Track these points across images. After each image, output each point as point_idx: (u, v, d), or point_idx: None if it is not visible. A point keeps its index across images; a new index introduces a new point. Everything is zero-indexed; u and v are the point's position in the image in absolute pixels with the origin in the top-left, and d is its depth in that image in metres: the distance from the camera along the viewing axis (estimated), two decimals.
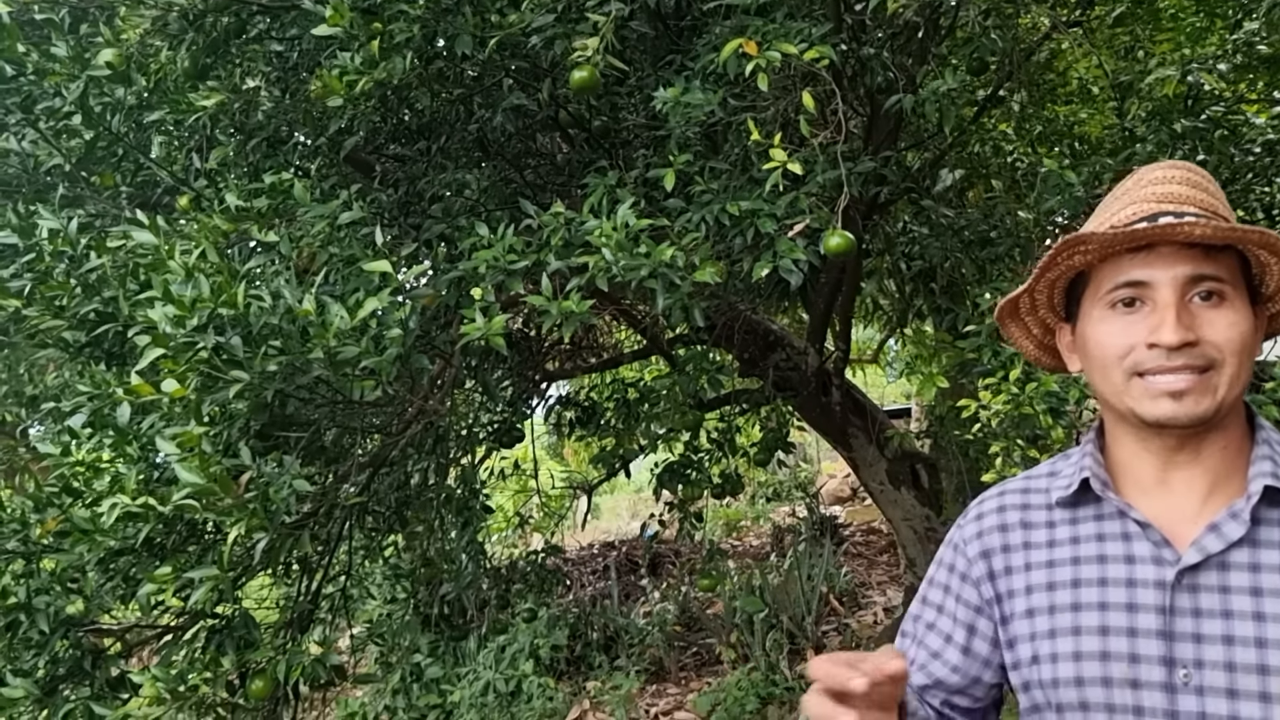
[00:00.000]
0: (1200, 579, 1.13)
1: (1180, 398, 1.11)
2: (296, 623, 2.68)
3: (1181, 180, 1.19)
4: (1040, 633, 1.21)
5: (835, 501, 12.06)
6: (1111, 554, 1.19)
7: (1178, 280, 1.12)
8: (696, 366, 3.22)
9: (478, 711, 6.69)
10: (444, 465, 3.24)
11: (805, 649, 7.07)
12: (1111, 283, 1.16)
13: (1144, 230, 1.11)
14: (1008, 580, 1.28)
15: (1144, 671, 1.13)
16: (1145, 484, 1.21)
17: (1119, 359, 1.15)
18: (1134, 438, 1.21)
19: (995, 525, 1.31)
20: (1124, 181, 1.25)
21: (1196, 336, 1.10)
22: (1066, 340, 1.29)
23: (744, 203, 2.65)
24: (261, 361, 1.97)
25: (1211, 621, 1.12)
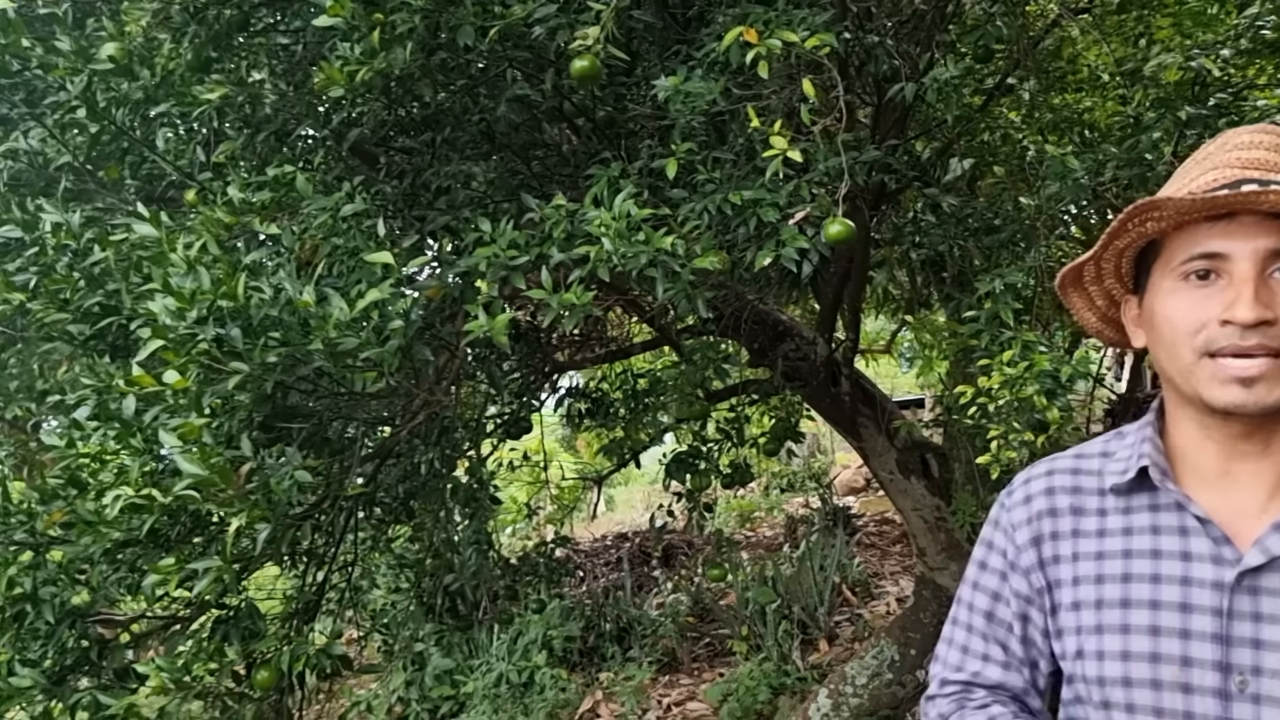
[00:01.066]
0: (1262, 581, 1.07)
1: (1251, 384, 1.05)
2: (302, 613, 2.70)
3: (1270, 146, 1.12)
4: (1086, 627, 1.17)
5: (849, 492, 12.04)
6: (1166, 549, 1.14)
7: (1258, 253, 1.05)
8: (704, 357, 3.22)
9: (490, 703, 6.71)
10: (451, 456, 3.25)
11: (818, 639, 7.06)
12: (1185, 253, 1.10)
13: (1225, 197, 1.04)
14: (1056, 569, 1.23)
15: (1196, 676, 1.08)
16: (1207, 474, 1.15)
17: (1189, 336, 1.09)
18: (1197, 423, 1.15)
19: (1045, 509, 1.25)
20: (1207, 144, 1.19)
21: (1275, 315, 1.04)
22: (1133, 314, 1.23)
23: (747, 192, 2.64)
24: (261, 353, 1.98)
25: (1273, 627, 1.06)
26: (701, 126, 2.96)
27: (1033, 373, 2.55)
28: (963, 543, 4.51)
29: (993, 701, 1.27)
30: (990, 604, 1.30)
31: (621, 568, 9.04)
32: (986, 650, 1.30)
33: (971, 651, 1.31)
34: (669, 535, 10.46)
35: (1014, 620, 1.27)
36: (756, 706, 5.90)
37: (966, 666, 1.31)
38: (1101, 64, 4.54)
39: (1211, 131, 3.14)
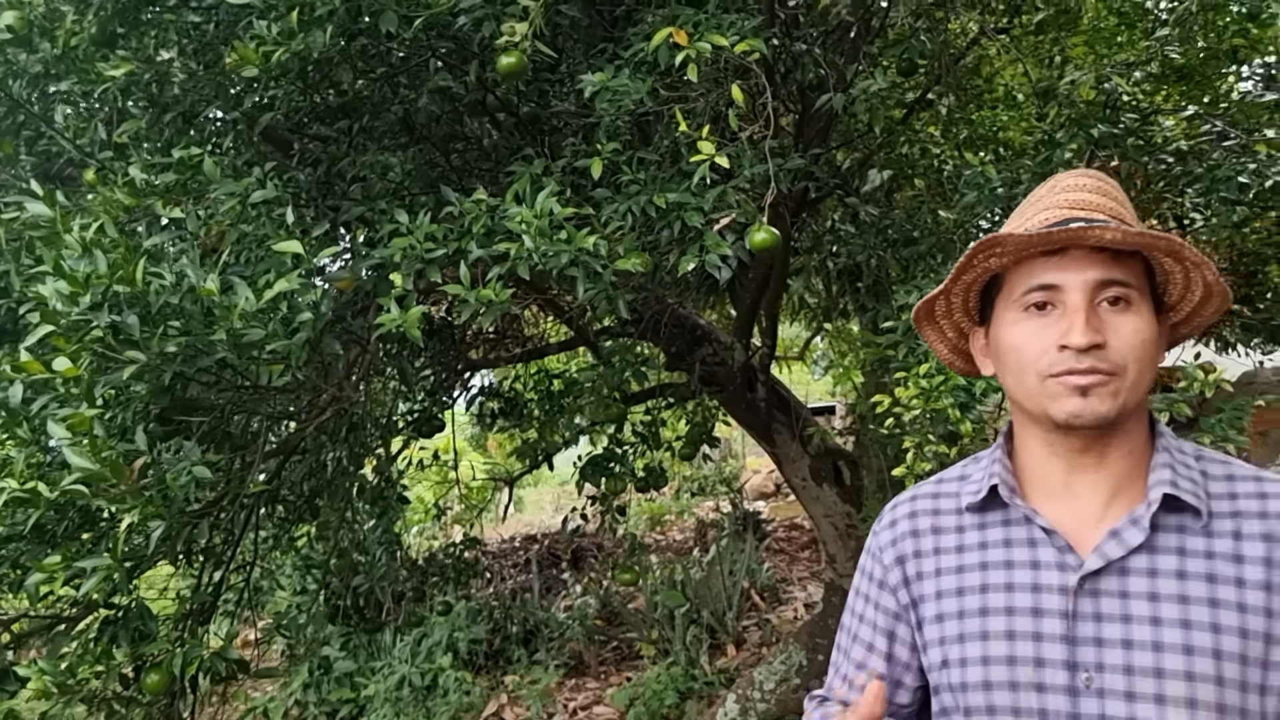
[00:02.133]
0: (1101, 584, 1.17)
1: (1087, 394, 1.15)
2: (196, 615, 2.59)
3: (1092, 189, 1.25)
4: (949, 637, 1.25)
5: (759, 497, 12.13)
6: (1018, 559, 1.23)
7: (1087, 284, 1.16)
8: (622, 359, 3.18)
9: (392, 706, 6.59)
10: (359, 454, 3.16)
11: (726, 644, 7.09)
12: (1024, 286, 1.20)
13: (1056, 233, 1.15)
14: (920, 585, 1.31)
15: (1049, 675, 1.17)
16: (1052, 489, 1.25)
17: (1033, 362, 1.19)
18: (1042, 441, 1.25)
19: (908, 531, 1.35)
20: (1038, 188, 1.31)
21: (1104, 339, 1.15)
22: (980, 344, 1.34)
23: (671, 195, 2.62)
24: (160, 342, 1.88)
25: (1111, 626, 1.15)
26: (626, 126, 2.93)
27: (947, 385, 2.58)
28: None
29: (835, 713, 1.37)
30: (857, 626, 1.40)
31: (530, 569, 8.96)
32: (846, 671, 1.41)
33: (838, 672, 1.43)
34: (579, 538, 10.41)
35: (875, 638, 1.37)
36: (663, 711, 5.89)
37: (831, 685, 1.43)
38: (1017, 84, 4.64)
39: (1121, 151, 3.23)
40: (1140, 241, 1.16)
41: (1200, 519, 1.18)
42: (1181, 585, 1.15)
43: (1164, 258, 1.20)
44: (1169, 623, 1.14)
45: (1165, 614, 1.14)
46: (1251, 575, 1.15)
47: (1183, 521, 1.18)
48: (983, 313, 1.32)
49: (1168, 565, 1.16)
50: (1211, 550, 1.16)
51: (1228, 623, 1.13)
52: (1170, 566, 1.16)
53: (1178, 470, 1.21)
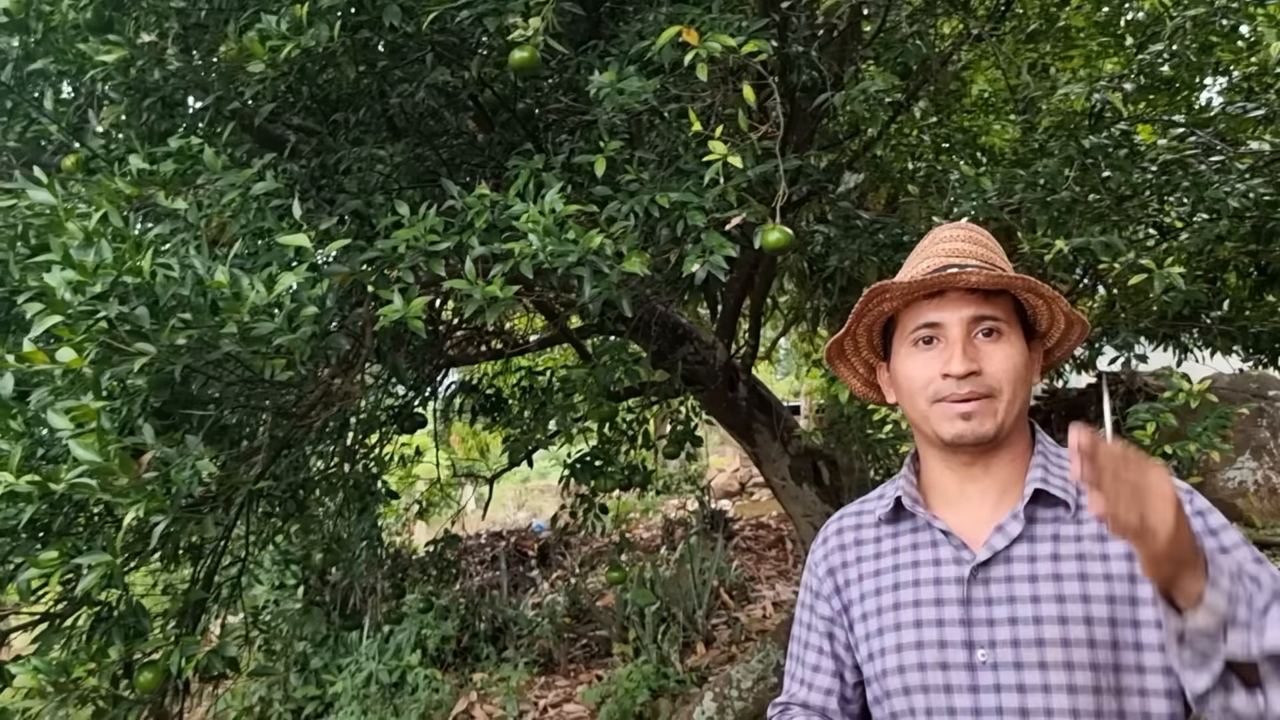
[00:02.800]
0: (991, 572, 1.36)
1: (969, 418, 1.36)
2: (191, 611, 2.54)
3: (965, 239, 1.47)
4: (872, 632, 1.45)
5: (724, 495, 12.17)
6: (924, 559, 1.43)
7: (963, 320, 1.38)
8: (614, 357, 3.18)
9: (359, 703, 6.53)
10: (350, 449, 3.12)
11: (695, 642, 7.10)
12: (913, 324, 1.42)
13: (932, 279, 1.37)
14: (847, 591, 1.52)
15: (951, 654, 1.36)
16: (950, 497, 1.45)
17: (923, 389, 1.40)
18: (939, 458, 1.46)
19: (836, 545, 1.56)
20: (922, 241, 1.53)
21: (980, 367, 1.36)
22: (884, 377, 1.54)
23: (674, 194, 2.61)
24: (169, 335, 1.85)
25: (999, 607, 1.34)
26: (624, 124, 2.92)
27: None
28: None
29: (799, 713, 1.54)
30: (805, 634, 1.58)
31: (497, 566, 8.92)
32: (802, 675, 1.57)
33: (793, 677, 1.59)
34: (545, 535, 10.38)
35: (820, 643, 1.55)
36: (635, 709, 5.89)
37: (789, 689, 1.59)
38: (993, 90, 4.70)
39: (1108, 160, 3.28)
40: (1001, 282, 1.37)
41: (1070, 510, 1.37)
42: (1055, 566, 1.34)
43: (1025, 294, 1.41)
44: (1046, 599, 1.32)
45: (1043, 591, 1.33)
46: (1114, 549, 1.33)
47: (1057, 513, 1.38)
48: (885, 349, 1.52)
49: (1044, 551, 1.36)
50: (1080, 535, 1.36)
51: (1096, 592, 1.31)
52: (1046, 552, 1.35)
53: (1050, 470, 1.40)
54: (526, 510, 13.37)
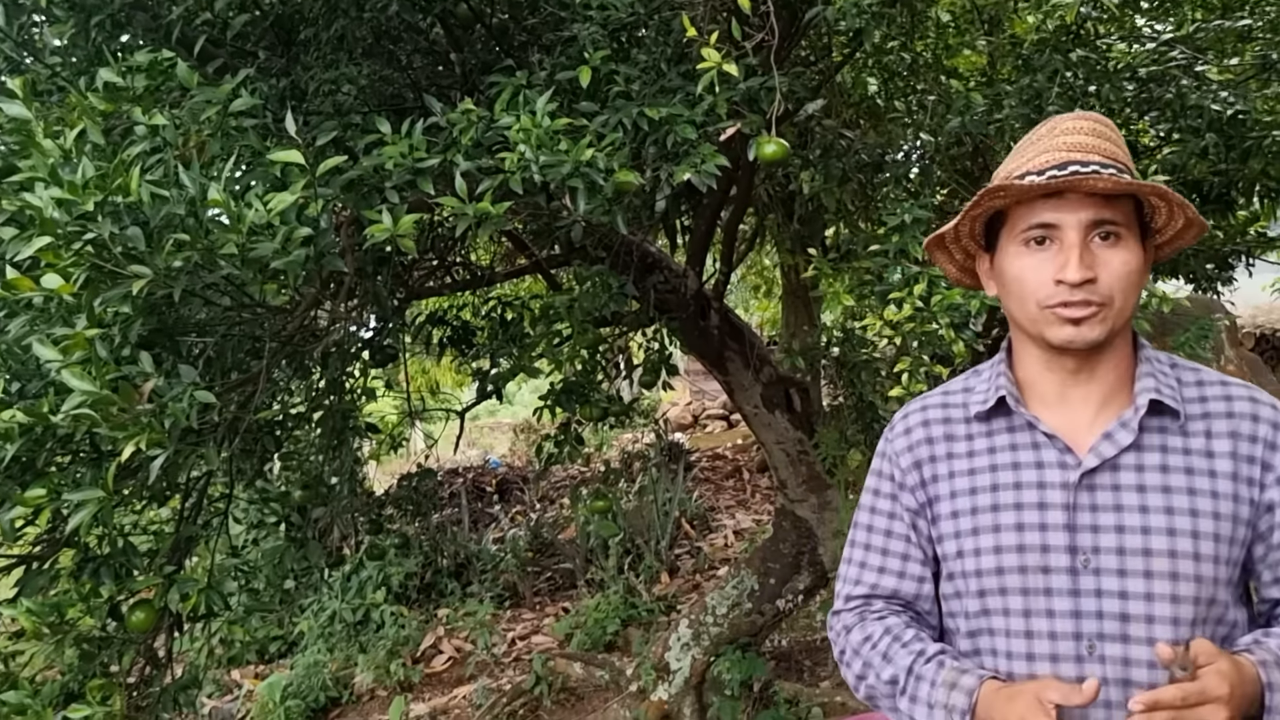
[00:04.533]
0: (1097, 480, 1.36)
1: (1079, 324, 1.33)
2: (183, 548, 2.46)
3: (1089, 131, 1.39)
4: (964, 531, 1.43)
5: (678, 428, 12.22)
6: (1024, 461, 1.42)
7: (1082, 223, 1.33)
8: (599, 284, 3.11)
9: (325, 641, 6.49)
10: (336, 382, 3.03)
11: (659, 572, 7.16)
12: (1025, 223, 1.37)
13: (1055, 181, 1.31)
14: (935, 486, 1.49)
15: (1053, 559, 1.36)
16: (1049, 399, 1.44)
17: (1033, 292, 1.37)
18: (1040, 359, 1.43)
19: (923, 438, 1.53)
20: (1039, 128, 1.45)
21: (1096, 274, 1.32)
22: (985, 268, 1.51)
23: (663, 107, 2.54)
24: (166, 257, 1.75)
25: (1106, 514, 1.35)
26: (604, 38, 2.83)
27: (941, 305, 2.59)
28: (823, 475, 4.61)
29: (889, 612, 1.53)
30: (886, 523, 1.56)
31: (456, 503, 8.88)
32: (883, 564, 1.55)
33: (869, 567, 1.57)
34: (502, 471, 10.35)
35: (907, 532, 1.53)
36: (606, 638, 5.93)
37: (865, 580, 1.57)
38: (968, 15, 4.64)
39: (1092, 75, 3.26)
40: (1130, 188, 1.32)
41: (1178, 420, 1.38)
42: (1164, 478, 1.35)
43: (1151, 197, 1.37)
44: (1154, 510, 1.33)
45: (1151, 503, 1.33)
46: (1221, 468, 1.35)
47: (1163, 423, 1.38)
48: (988, 239, 1.48)
49: (1152, 461, 1.36)
50: (1188, 448, 1.36)
51: (1203, 507, 1.33)
52: (1154, 462, 1.36)
53: (1159, 379, 1.40)
54: (478, 448, 13.30)
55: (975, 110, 2.82)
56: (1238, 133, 3.48)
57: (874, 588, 1.56)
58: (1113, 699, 1.31)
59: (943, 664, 1.41)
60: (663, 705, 4.61)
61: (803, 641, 5.73)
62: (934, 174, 3.04)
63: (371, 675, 6.09)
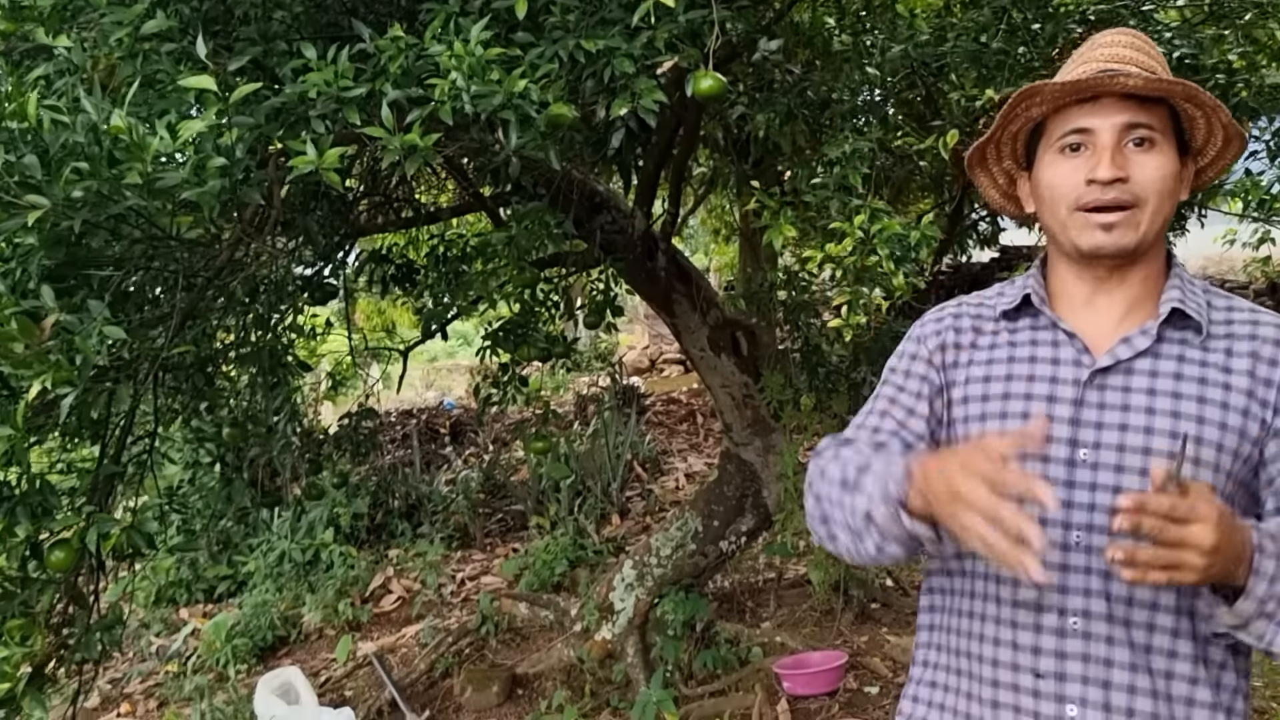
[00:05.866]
0: (1109, 380, 1.39)
1: (1110, 230, 1.35)
2: (102, 488, 2.41)
3: (1126, 44, 1.41)
4: (973, 416, 1.47)
5: (635, 372, 12.22)
6: (1041, 356, 1.45)
7: (1115, 127, 1.34)
8: (536, 222, 3.06)
9: (273, 581, 6.47)
10: (263, 319, 2.97)
11: (610, 514, 7.19)
12: (1061, 130, 1.39)
13: (1086, 81, 1.33)
14: (954, 372, 1.53)
15: (1052, 449, 1.38)
16: (1076, 304, 1.46)
17: (1065, 196, 1.38)
18: (1071, 268, 1.45)
19: (951, 326, 1.56)
20: (1080, 47, 1.48)
21: (1127, 174, 1.33)
22: (1025, 189, 1.52)
23: (600, 40, 2.47)
24: (64, 186, 1.67)
25: (1112, 413, 1.37)
26: None
27: (882, 237, 2.57)
28: (768, 419, 4.62)
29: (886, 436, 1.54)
30: (905, 381, 1.57)
31: (409, 444, 8.83)
32: (887, 408, 1.56)
33: (872, 412, 1.58)
34: (456, 413, 10.30)
35: (920, 391, 1.54)
36: (554, 579, 5.96)
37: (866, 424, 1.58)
38: None
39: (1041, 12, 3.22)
40: (1159, 88, 1.33)
41: (1200, 335, 1.39)
42: (1176, 384, 1.36)
43: (1184, 103, 1.37)
44: (1161, 412, 1.35)
45: (1159, 406, 1.35)
46: (1236, 383, 1.36)
47: (1185, 336, 1.40)
48: (1029, 160, 1.48)
49: (1167, 368, 1.37)
50: (1206, 361, 1.38)
51: (1210, 416, 1.34)
52: (1169, 369, 1.37)
53: (1186, 293, 1.41)
54: (436, 389, 13.24)
55: (919, 38, 2.78)
56: (1184, 76, 3.45)
57: (874, 431, 1.55)
58: (1093, 589, 1.35)
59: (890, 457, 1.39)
60: (606, 644, 4.65)
61: (745, 583, 5.79)
62: (881, 110, 3.00)
63: (320, 615, 6.08)
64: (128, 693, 5.80)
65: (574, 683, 4.69)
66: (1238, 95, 3.28)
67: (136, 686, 5.87)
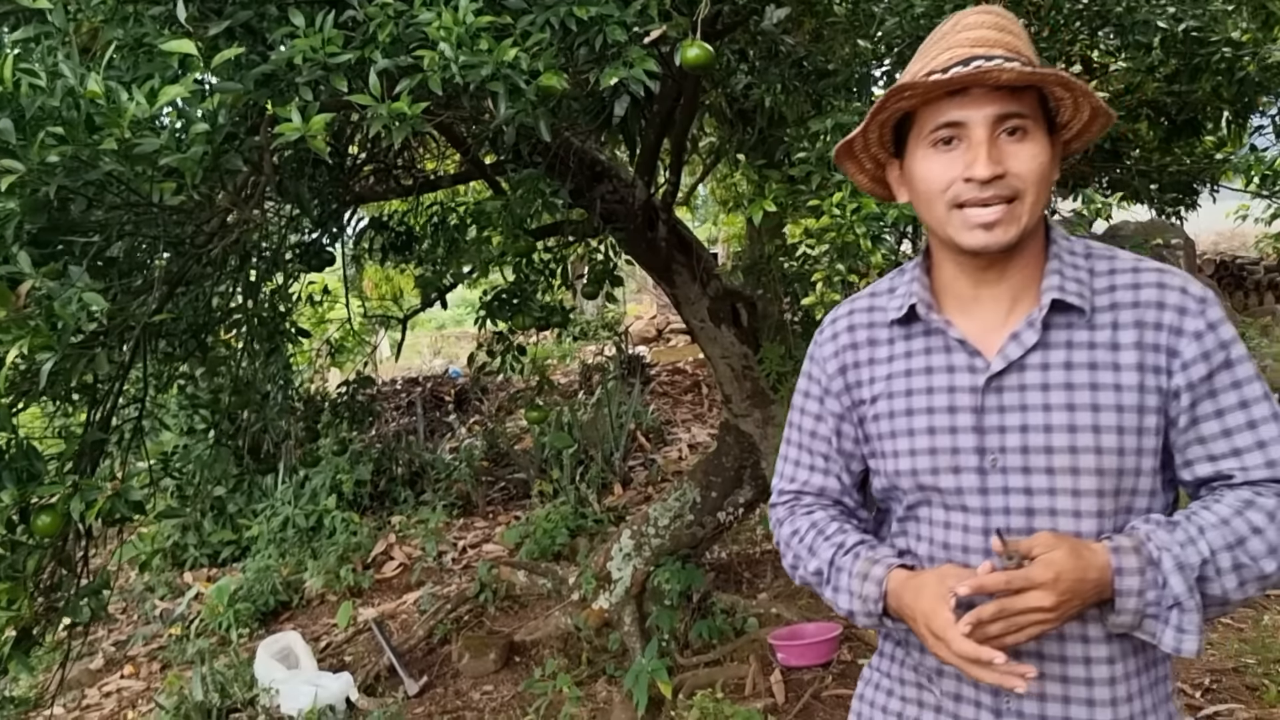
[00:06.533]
0: (1005, 381, 1.39)
1: (991, 228, 1.33)
2: (88, 454, 2.41)
3: (991, 25, 1.38)
4: (884, 434, 1.48)
5: (641, 342, 12.21)
6: (937, 365, 1.45)
7: (988, 119, 1.32)
8: (530, 190, 3.03)
9: (276, 547, 6.50)
10: (253, 285, 2.96)
11: (613, 483, 7.21)
12: (933, 123, 1.35)
13: (959, 76, 1.29)
14: (859, 391, 1.54)
15: (963, 459, 1.40)
16: (963, 300, 1.45)
17: (941, 192, 1.36)
18: (953, 261, 1.45)
19: (848, 344, 1.56)
20: (941, 25, 1.44)
21: (1004, 169, 1.31)
22: (895, 175, 1.50)
23: (593, 8, 2.44)
24: (40, 151, 1.66)
25: (1012, 415, 1.38)
26: None
27: (860, 215, 2.54)
28: (767, 390, 4.61)
29: (817, 507, 1.61)
30: (813, 424, 1.62)
31: (413, 412, 8.86)
32: (811, 463, 1.62)
33: (800, 464, 1.64)
34: (461, 381, 10.31)
35: (831, 435, 1.59)
36: (555, 548, 5.98)
37: (797, 477, 1.64)
38: None
39: None
40: (1034, 78, 1.31)
41: (1085, 315, 1.38)
42: (1068, 374, 1.36)
43: (1055, 88, 1.35)
44: (1057, 407, 1.36)
45: (1054, 400, 1.36)
46: (1125, 359, 1.36)
47: (1070, 319, 1.39)
48: (897, 146, 1.46)
49: (1057, 359, 1.37)
50: (1094, 341, 1.37)
51: (1105, 401, 1.35)
52: (1059, 359, 1.37)
53: (1065, 275, 1.39)
54: (443, 357, 13.26)
55: (914, 11, 2.73)
56: (1190, 50, 3.40)
57: (804, 484, 1.63)
58: None
59: (858, 555, 1.48)
60: (603, 613, 4.67)
61: (742, 554, 5.80)
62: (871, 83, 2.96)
63: (321, 580, 6.12)
64: (131, 655, 5.86)
65: (571, 651, 4.72)
66: (1244, 70, 3.23)
67: (140, 649, 5.93)
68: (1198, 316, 1.35)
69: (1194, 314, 1.35)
